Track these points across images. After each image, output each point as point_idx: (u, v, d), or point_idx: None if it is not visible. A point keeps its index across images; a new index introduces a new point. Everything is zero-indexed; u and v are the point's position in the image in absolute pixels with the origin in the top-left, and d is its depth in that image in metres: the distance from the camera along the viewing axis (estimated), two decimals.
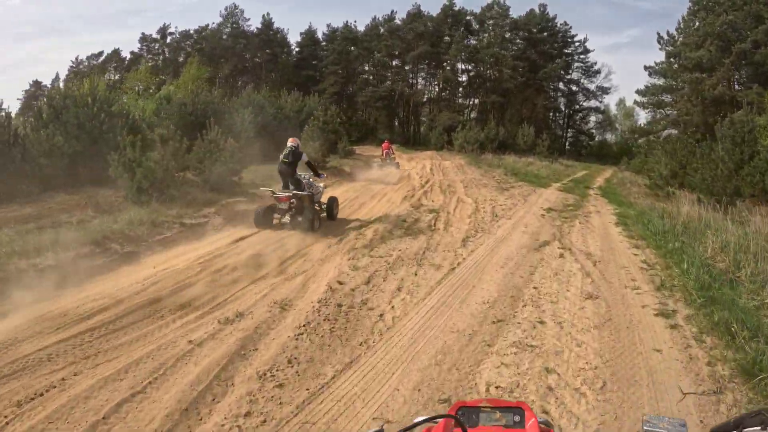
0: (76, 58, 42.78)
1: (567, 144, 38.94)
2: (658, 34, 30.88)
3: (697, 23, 27.37)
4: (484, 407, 1.25)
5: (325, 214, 8.78)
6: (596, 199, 13.19)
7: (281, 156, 8.33)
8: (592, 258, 6.86)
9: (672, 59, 29.14)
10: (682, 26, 29.23)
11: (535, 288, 5.52)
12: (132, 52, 42.92)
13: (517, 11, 41.08)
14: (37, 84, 41.00)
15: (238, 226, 8.09)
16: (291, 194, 8.07)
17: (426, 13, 39.59)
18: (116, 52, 43.35)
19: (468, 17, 39.54)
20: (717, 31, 25.68)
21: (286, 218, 8.06)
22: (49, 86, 38.34)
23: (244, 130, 14.65)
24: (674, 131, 28.09)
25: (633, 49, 54.93)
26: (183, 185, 10.03)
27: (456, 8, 39.24)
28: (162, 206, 8.80)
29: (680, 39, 28.98)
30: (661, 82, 29.93)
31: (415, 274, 5.90)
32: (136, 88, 22.17)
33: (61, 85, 31.74)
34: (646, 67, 31.94)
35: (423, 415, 1.15)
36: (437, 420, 1.11)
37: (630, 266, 6.51)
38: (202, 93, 17.40)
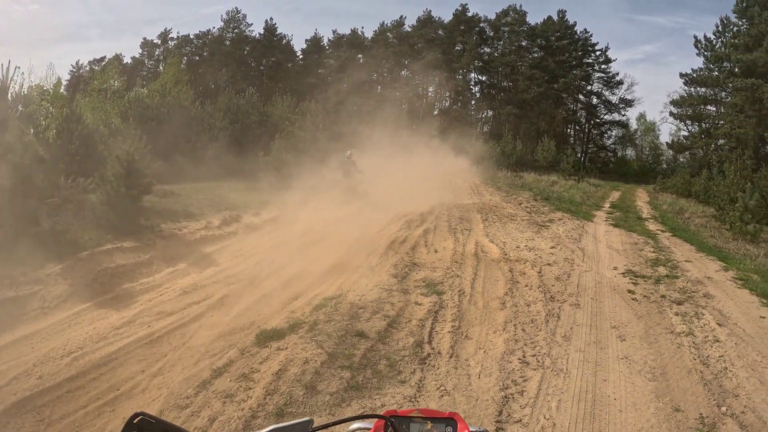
0: (77, 62, 40.78)
1: (586, 160, 36.13)
2: (695, 37, 28.10)
3: (743, 22, 24.28)
4: (415, 417, 1.21)
5: None
6: (671, 242, 9.90)
7: None
8: None
9: (712, 65, 26.21)
10: (721, 29, 26.34)
11: None
12: (133, 58, 41.03)
13: (533, 18, 38.48)
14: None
15: None
16: None
17: (437, 19, 37.27)
18: (117, 58, 41.46)
19: (482, 24, 37.10)
20: None
21: None
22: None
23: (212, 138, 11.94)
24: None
25: (648, 65, 51.81)
26: None
27: (469, 14, 36.87)
28: None
29: (719, 42, 26.04)
30: (702, 91, 26.99)
31: None
32: (103, 88, 19.67)
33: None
34: (681, 75, 28.99)
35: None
36: (368, 420, 1.13)
37: None
38: (170, 95, 14.75)
